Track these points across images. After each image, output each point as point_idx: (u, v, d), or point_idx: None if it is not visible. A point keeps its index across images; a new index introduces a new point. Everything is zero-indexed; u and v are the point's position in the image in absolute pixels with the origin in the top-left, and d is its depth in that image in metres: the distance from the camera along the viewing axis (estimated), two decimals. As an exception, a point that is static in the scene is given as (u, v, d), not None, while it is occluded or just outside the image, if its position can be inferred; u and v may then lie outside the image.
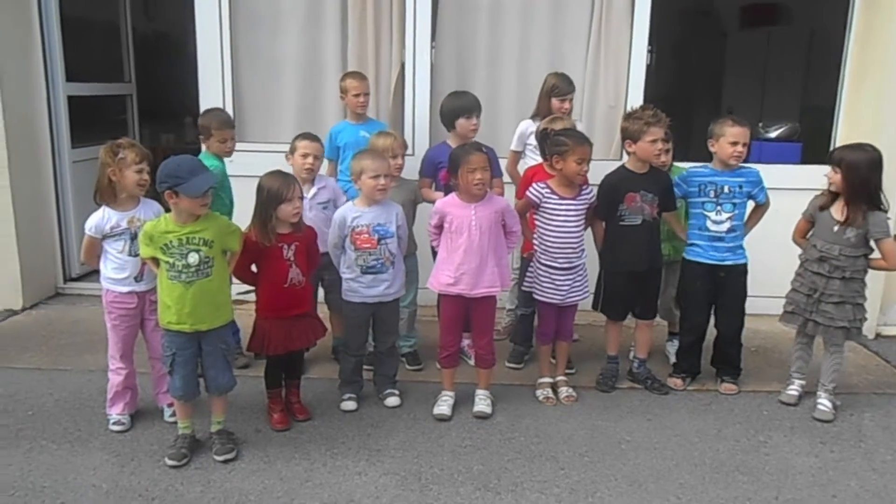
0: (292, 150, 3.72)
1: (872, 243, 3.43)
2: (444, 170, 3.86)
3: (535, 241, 3.60)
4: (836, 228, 3.43)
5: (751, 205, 3.75)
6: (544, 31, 4.79)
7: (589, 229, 3.68)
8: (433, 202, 3.58)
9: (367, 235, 3.39)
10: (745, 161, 3.71)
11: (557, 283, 3.56)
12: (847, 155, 3.41)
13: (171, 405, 3.26)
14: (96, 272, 3.31)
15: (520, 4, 4.77)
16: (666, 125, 3.58)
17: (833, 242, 3.44)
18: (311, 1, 4.79)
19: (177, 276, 2.90)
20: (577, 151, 3.43)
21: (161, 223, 2.94)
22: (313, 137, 3.76)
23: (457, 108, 3.91)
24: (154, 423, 3.35)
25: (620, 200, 3.59)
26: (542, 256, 3.57)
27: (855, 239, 3.40)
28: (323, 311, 3.79)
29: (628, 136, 3.58)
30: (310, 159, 3.67)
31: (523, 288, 3.75)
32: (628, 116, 3.66)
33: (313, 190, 3.73)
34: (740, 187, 3.65)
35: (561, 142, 3.46)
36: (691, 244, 3.75)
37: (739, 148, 3.58)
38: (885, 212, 3.40)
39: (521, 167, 4.20)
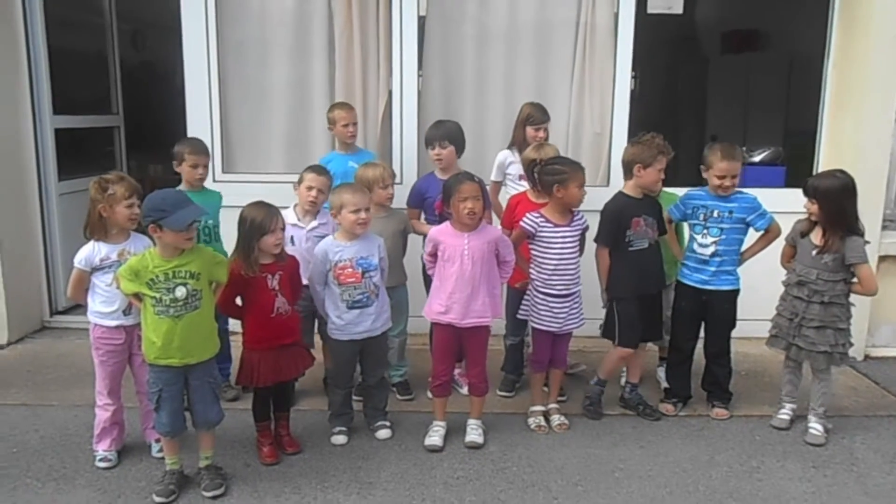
0: (300, 181, 3.70)
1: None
2: (429, 200, 3.90)
3: (531, 271, 3.59)
4: (814, 253, 3.47)
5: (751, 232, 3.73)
6: (529, 59, 4.84)
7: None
8: (422, 234, 3.58)
9: (351, 269, 3.36)
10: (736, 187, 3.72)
11: (555, 310, 3.55)
12: (820, 184, 3.44)
13: (158, 440, 3.22)
14: (83, 304, 3.27)
15: (505, 32, 4.82)
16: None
17: (811, 267, 3.47)
18: (298, 31, 4.82)
19: (164, 310, 2.87)
20: (577, 177, 3.46)
21: (146, 258, 2.91)
22: (321, 171, 3.74)
23: (426, 138, 4.02)
24: (141, 458, 3.31)
25: (627, 226, 3.59)
26: (540, 285, 3.56)
27: (832, 264, 3.42)
28: (318, 341, 3.78)
29: (640, 160, 3.58)
30: (314, 192, 3.65)
31: (519, 316, 3.74)
32: (637, 142, 3.67)
33: (314, 223, 3.70)
34: (730, 213, 3.65)
35: (559, 170, 3.48)
36: (683, 264, 3.80)
37: (727, 182, 3.60)
38: (862, 236, 3.43)
39: (503, 196, 4.23)
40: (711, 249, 3.68)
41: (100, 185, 3.09)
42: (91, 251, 3.12)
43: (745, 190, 3.74)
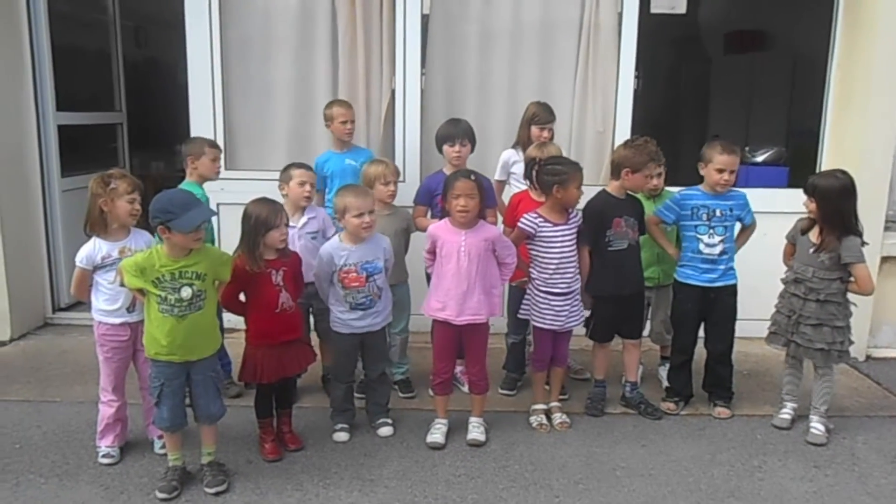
0: (287, 180, 3.69)
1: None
2: (438, 197, 3.90)
3: (532, 271, 3.60)
4: (811, 251, 3.48)
5: (738, 226, 3.79)
6: (533, 58, 4.84)
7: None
8: (425, 230, 3.59)
9: (355, 274, 3.36)
10: (733, 185, 3.75)
11: (557, 308, 3.56)
12: (819, 183, 3.46)
13: (161, 437, 3.22)
14: (86, 303, 3.27)
15: (508, 31, 4.82)
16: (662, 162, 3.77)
17: (808, 265, 3.49)
18: (301, 29, 4.82)
19: (169, 309, 2.87)
20: (577, 178, 3.48)
21: (153, 256, 2.90)
22: (307, 166, 3.77)
23: (442, 135, 3.99)
24: (144, 455, 3.31)
25: (608, 226, 3.62)
26: (541, 284, 3.56)
27: (829, 262, 3.44)
28: (314, 339, 3.78)
29: (629, 164, 3.61)
30: (307, 187, 3.67)
31: (520, 316, 3.74)
32: (629, 145, 3.71)
33: (303, 219, 3.71)
34: (731, 210, 3.70)
35: (559, 171, 3.48)
36: (682, 265, 3.79)
37: (726, 176, 3.63)
38: (860, 236, 3.44)
39: (506, 196, 4.23)
40: (720, 248, 3.69)
41: (102, 180, 3.10)
42: (92, 249, 3.12)
43: (739, 189, 3.79)
